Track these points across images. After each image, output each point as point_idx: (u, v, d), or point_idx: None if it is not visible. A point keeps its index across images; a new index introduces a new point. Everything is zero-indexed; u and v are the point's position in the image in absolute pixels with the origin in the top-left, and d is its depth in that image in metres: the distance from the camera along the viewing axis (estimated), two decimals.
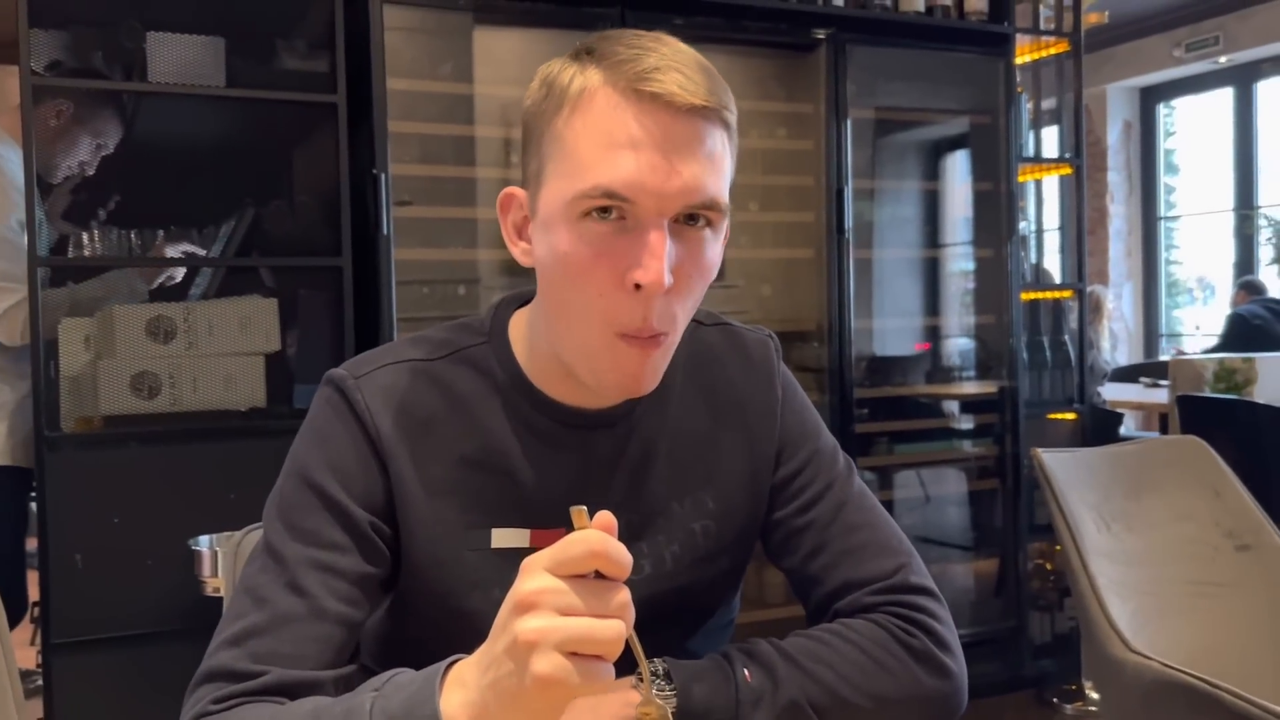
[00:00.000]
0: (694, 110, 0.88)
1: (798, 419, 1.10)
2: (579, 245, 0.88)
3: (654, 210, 0.87)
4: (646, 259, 0.87)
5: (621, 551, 0.70)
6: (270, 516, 0.97)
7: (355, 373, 0.99)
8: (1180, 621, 1.72)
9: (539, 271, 0.95)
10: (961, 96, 3.49)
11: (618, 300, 0.88)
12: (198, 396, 2.48)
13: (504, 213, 0.99)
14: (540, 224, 0.92)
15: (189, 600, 2.34)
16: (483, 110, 2.90)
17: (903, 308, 3.60)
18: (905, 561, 1.04)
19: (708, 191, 0.88)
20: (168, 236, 2.64)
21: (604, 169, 0.86)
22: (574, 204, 0.88)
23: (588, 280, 0.88)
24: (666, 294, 0.88)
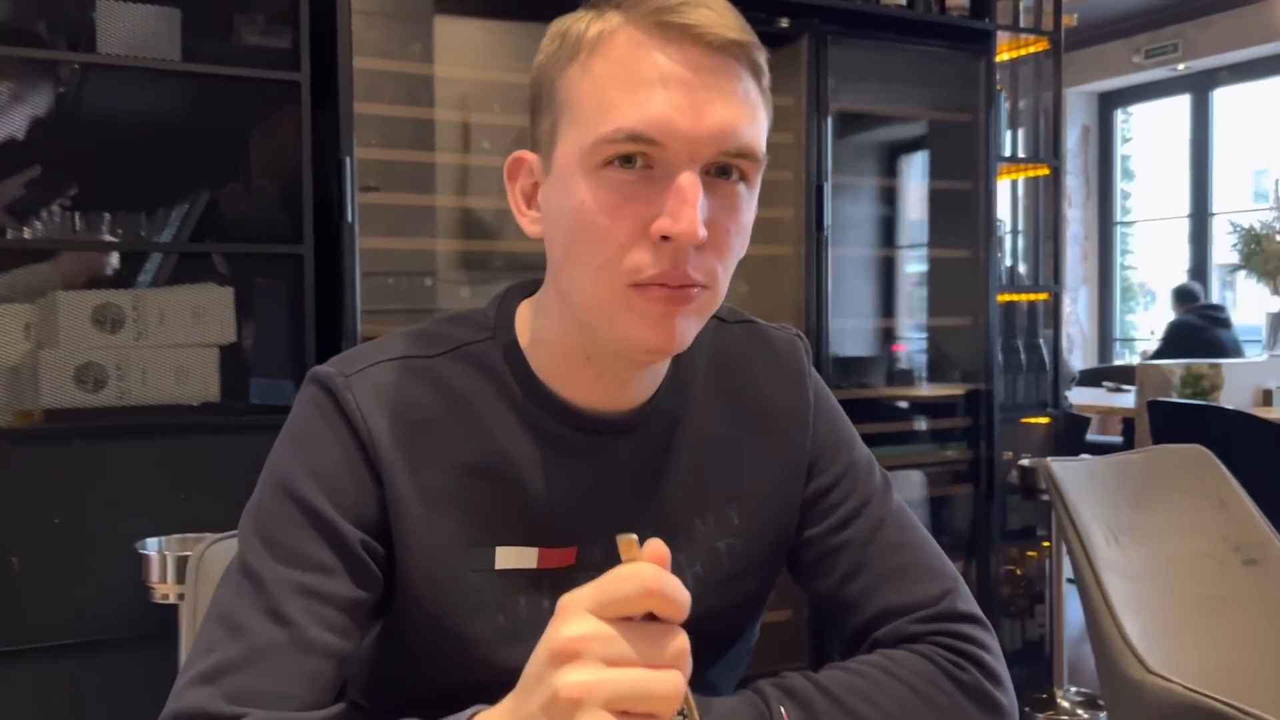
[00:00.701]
0: (727, 46, 0.78)
1: (831, 427, 1.00)
2: (598, 194, 0.78)
3: (684, 155, 0.77)
4: (676, 206, 0.76)
5: (679, 590, 0.60)
6: (247, 533, 0.85)
7: (345, 370, 0.88)
8: (1189, 639, 1.65)
9: (550, 236, 0.84)
10: (940, 94, 3.43)
11: (640, 253, 0.78)
12: (147, 390, 2.34)
13: (511, 179, 0.88)
14: (554, 181, 0.82)
15: (136, 607, 2.20)
16: (453, 94, 2.78)
17: (878, 308, 3.53)
18: (951, 586, 0.94)
19: (743, 136, 0.78)
20: (116, 220, 2.49)
21: (627, 110, 0.76)
22: (593, 151, 0.78)
23: (607, 233, 0.78)
24: (700, 249, 0.78)
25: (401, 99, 2.71)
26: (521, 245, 2.83)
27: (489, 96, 2.82)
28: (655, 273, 0.78)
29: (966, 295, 3.42)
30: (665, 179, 0.77)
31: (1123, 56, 7.88)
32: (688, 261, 0.78)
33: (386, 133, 2.67)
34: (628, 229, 0.78)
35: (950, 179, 3.47)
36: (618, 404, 0.90)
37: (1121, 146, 8.54)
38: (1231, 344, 5.95)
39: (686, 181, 0.76)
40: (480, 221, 2.84)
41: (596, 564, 0.89)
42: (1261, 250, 4.41)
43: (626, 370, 0.88)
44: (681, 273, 0.78)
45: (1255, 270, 4.46)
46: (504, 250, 2.86)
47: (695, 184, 0.77)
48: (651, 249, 0.78)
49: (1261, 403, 4.20)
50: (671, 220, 0.76)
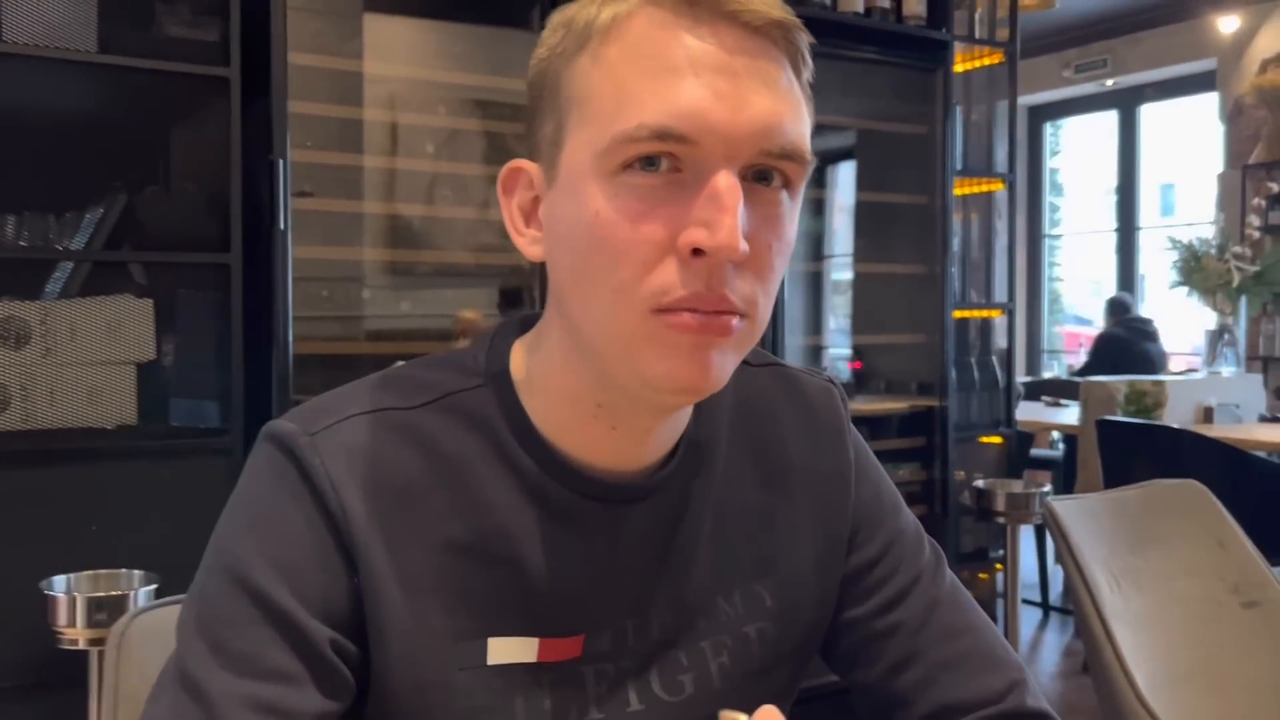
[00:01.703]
0: (768, 27, 0.65)
1: (874, 491, 0.86)
2: (615, 201, 0.64)
3: (720, 154, 0.63)
4: (712, 213, 0.63)
5: None
6: (188, 632, 0.69)
7: (309, 427, 0.72)
8: (1194, 689, 1.56)
9: (555, 257, 0.70)
10: (896, 106, 3.34)
11: (667, 271, 0.64)
12: (55, 412, 2.14)
13: (507, 193, 0.73)
14: (561, 192, 0.68)
15: (39, 652, 2.00)
16: (390, 93, 2.61)
17: (833, 325, 3.43)
18: (1019, 678, 0.82)
19: (788, 133, 0.65)
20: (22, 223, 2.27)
21: (651, 101, 0.63)
22: (610, 153, 0.64)
23: (627, 248, 0.64)
24: (739, 266, 0.64)
25: (337, 98, 2.53)
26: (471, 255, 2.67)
27: (432, 97, 2.65)
28: (685, 295, 0.64)
29: (921, 311, 3.34)
30: (697, 182, 0.64)
31: (1053, 71, 7.94)
32: (725, 282, 0.64)
33: (321, 134, 2.49)
34: (652, 242, 0.64)
35: (904, 192, 3.38)
36: (632, 464, 0.75)
37: (1050, 160, 8.62)
38: (1159, 357, 6.00)
39: (724, 184, 0.63)
40: (423, 229, 2.67)
41: (605, 655, 0.76)
42: (1202, 269, 4.41)
43: (646, 419, 0.73)
44: (718, 295, 0.64)
45: (1195, 288, 4.46)
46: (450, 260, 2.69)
47: (735, 186, 0.63)
48: (681, 266, 0.64)
49: (1203, 419, 4.20)
50: (707, 231, 0.62)
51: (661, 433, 0.75)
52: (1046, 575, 4.58)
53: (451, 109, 2.64)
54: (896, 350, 3.44)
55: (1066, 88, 7.98)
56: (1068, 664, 3.92)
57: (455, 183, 2.67)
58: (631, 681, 0.76)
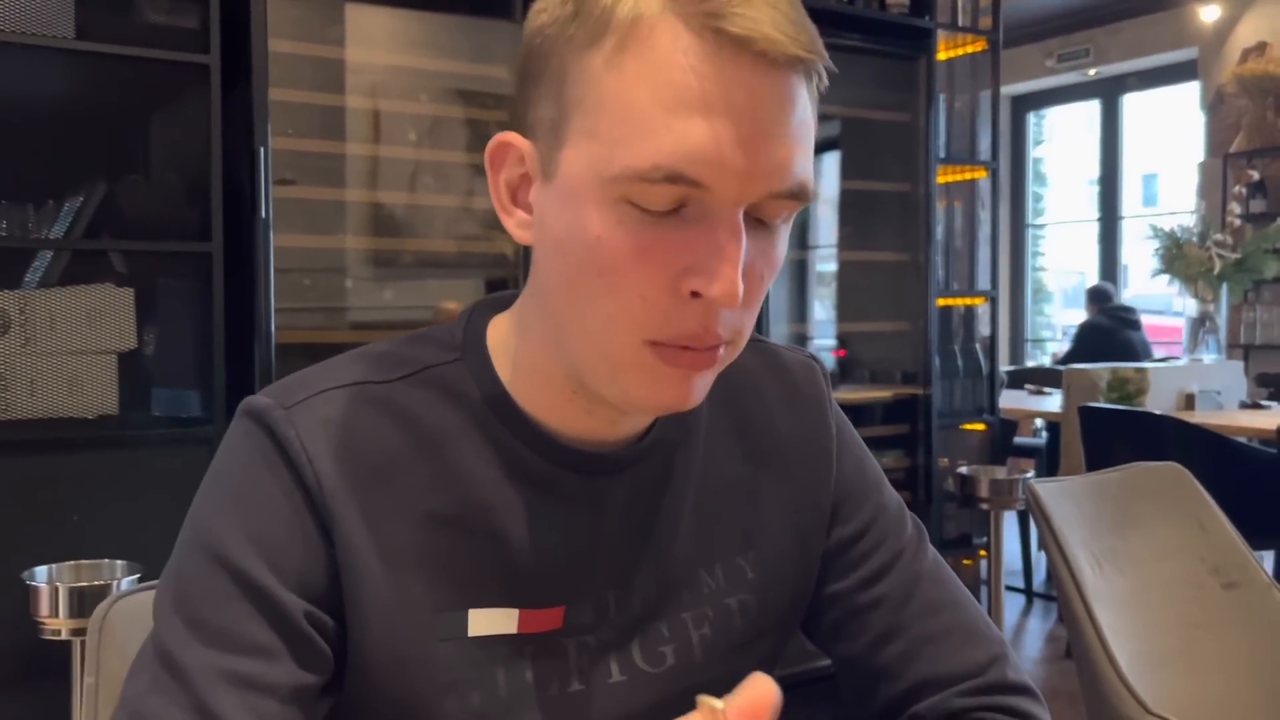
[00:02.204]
0: (790, 64, 0.63)
1: (857, 466, 0.87)
2: (617, 233, 0.63)
3: (731, 198, 0.63)
4: (716, 263, 0.62)
5: None
6: (166, 609, 0.68)
7: (285, 401, 0.71)
8: (1175, 670, 1.57)
9: (545, 254, 0.69)
10: (879, 94, 3.35)
11: (665, 308, 0.64)
12: (35, 402, 2.12)
13: (495, 168, 0.71)
14: (557, 192, 0.66)
15: (22, 643, 1.99)
16: (372, 81, 2.59)
17: (818, 313, 3.44)
18: (1000, 652, 0.82)
19: (797, 175, 0.64)
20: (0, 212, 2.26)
21: (668, 139, 0.61)
22: (617, 184, 0.63)
23: (625, 280, 0.64)
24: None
25: (319, 85, 2.52)
26: (455, 245, 2.66)
27: (414, 85, 2.64)
28: (680, 333, 0.65)
29: (904, 299, 3.34)
30: (700, 221, 0.63)
31: (1035, 60, 7.96)
32: (718, 321, 0.65)
33: (303, 121, 2.48)
34: (653, 280, 0.64)
35: (887, 180, 3.39)
36: (610, 437, 0.75)
37: (1034, 149, 8.65)
38: (1141, 346, 6.03)
39: (729, 235, 0.63)
40: (406, 218, 2.66)
41: (587, 626, 0.76)
42: (1184, 256, 4.43)
43: (620, 410, 0.74)
44: (711, 334, 0.65)
45: (1177, 276, 4.48)
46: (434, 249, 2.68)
47: (739, 237, 0.63)
48: (680, 306, 0.64)
49: (1184, 406, 4.22)
50: (709, 281, 0.63)
51: (636, 414, 0.75)
52: (1030, 562, 4.61)
53: (434, 96, 2.63)
54: (881, 338, 3.45)
55: (1049, 77, 8.00)
56: (1051, 649, 3.95)
57: (438, 171, 2.67)
58: (613, 653, 0.76)
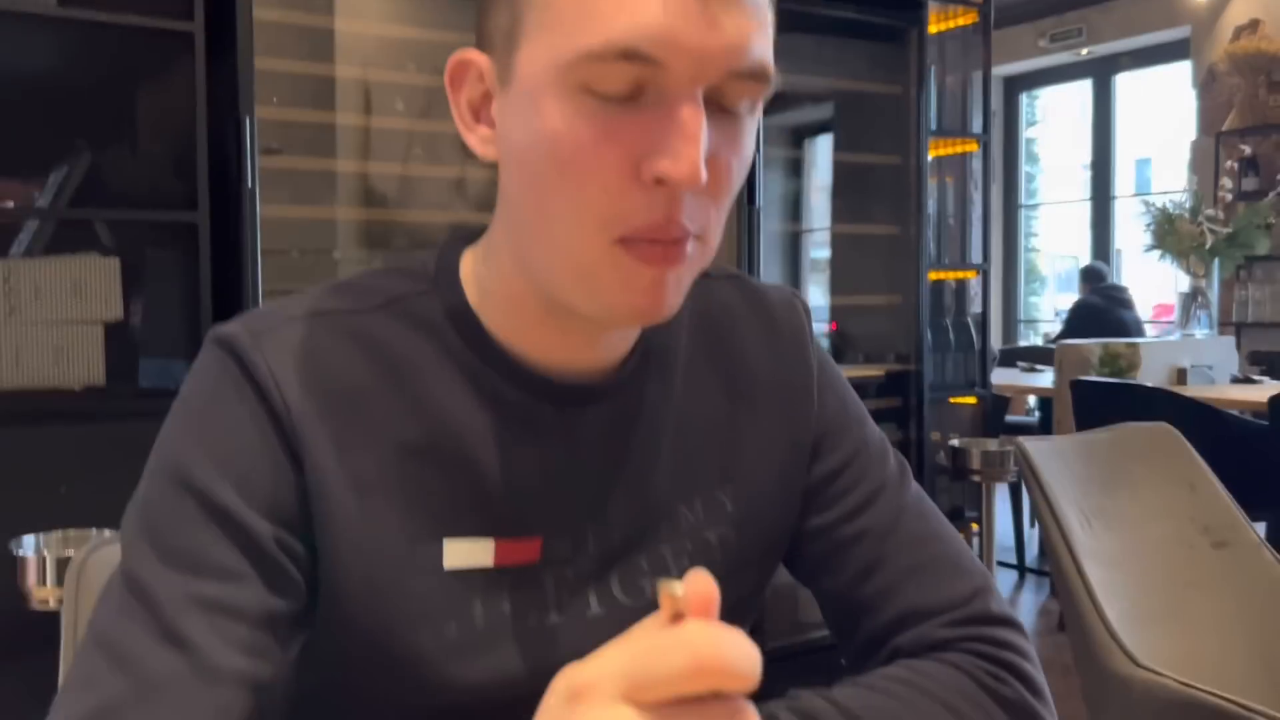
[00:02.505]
0: None
1: (839, 401, 0.86)
2: (576, 123, 0.62)
3: (688, 75, 0.61)
4: (677, 143, 0.61)
5: (744, 653, 0.41)
6: (132, 535, 0.67)
7: (253, 328, 0.71)
8: (1165, 628, 1.57)
9: (508, 166, 0.68)
10: (869, 66, 3.33)
11: (629, 198, 0.63)
12: (21, 372, 2.11)
13: (455, 87, 0.71)
14: (515, 97, 0.66)
15: (10, 615, 1.97)
16: (359, 49, 2.58)
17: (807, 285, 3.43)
18: (982, 584, 0.81)
19: (755, 52, 0.63)
20: None
21: (619, 16, 0.60)
22: (572, 70, 0.62)
23: (587, 172, 0.63)
24: (697, 191, 0.63)
25: (306, 54, 2.50)
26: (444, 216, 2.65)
27: (401, 54, 2.63)
28: (645, 225, 0.63)
29: (895, 273, 3.34)
30: (660, 105, 0.62)
31: (1028, 40, 7.95)
32: (682, 210, 0.63)
33: (290, 91, 2.46)
34: (614, 169, 0.62)
35: (877, 152, 3.37)
36: (585, 365, 0.74)
37: (1026, 130, 8.64)
38: (1134, 325, 6.03)
39: (689, 114, 0.61)
40: (395, 189, 2.65)
41: (565, 559, 0.75)
42: (1175, 232, 4.42)
43: (595, 326, 0.72)
44: (676, 224, 0.63)
45: (1169, 251, 4.48)
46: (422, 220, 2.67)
47: (699, 115, 0.61)
48: (643, 194, 0.62)
49: (1176, 380, 4.23)
50: (671, 162, 0.61)
51: (613, 336, 0.74)
52: (1023, 537, 4.62)
53: (422, 66, 2.62)
54: (873, 312, 3.44)
55: (1042, 57, 7.99)
56: (1044, 623, 3.96)
57: (429, 143, 2.65)
58: (592, 586, 0.76)
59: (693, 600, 0.42)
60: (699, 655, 0.41)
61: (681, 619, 0.42)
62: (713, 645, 0.41)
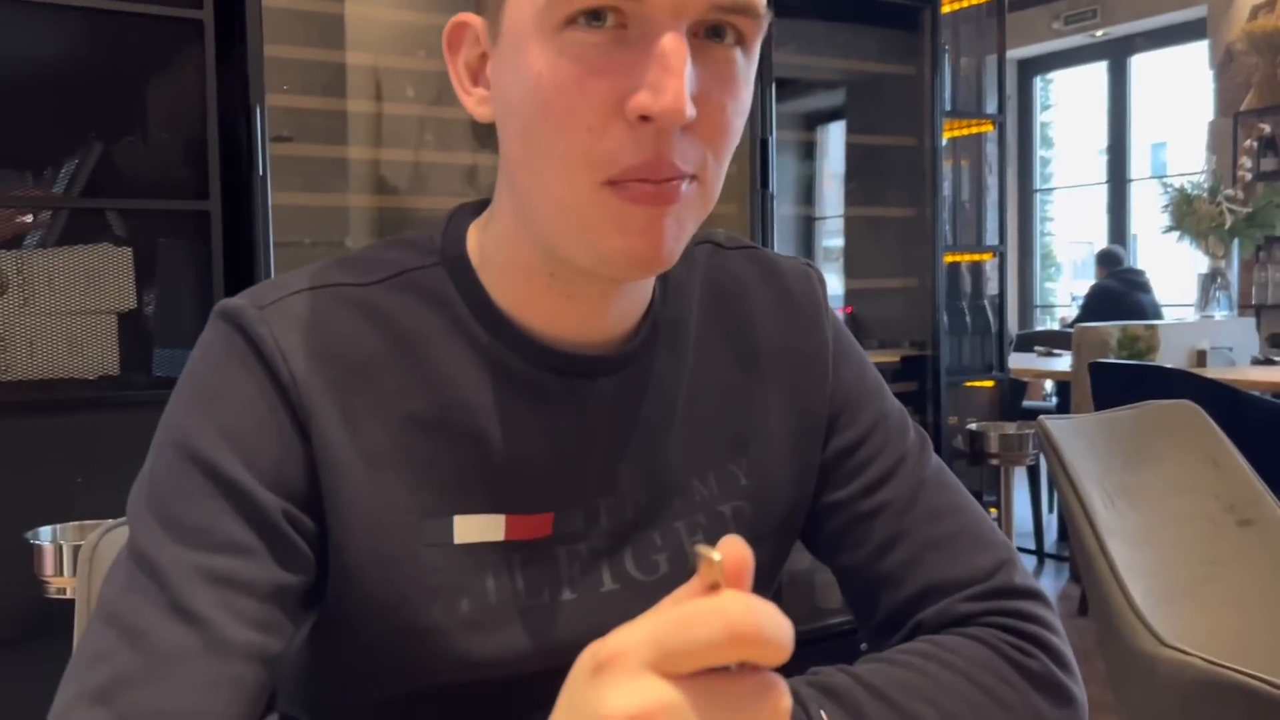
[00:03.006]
0: None
1: (857, 373, 0.84)
2: (558, 63, 0.61)
3: (667, 9, 0.60)
4: (658, 75, 0.59)
5: (778, 624, 0.40)
6: (139, 510, 0.67)
7: (259, 301, 0.70)
8: (1190, 606, 1.55)
9: (502, 120, 0.67)
10: (882, 47, 3.30)
11: (615, 137, 0.61)
12: (35, 363, 2.11)
13: (452, 51, 0.70)
14: (504, 51, 0.65)
15: (29, 603, 1.99)
16: (369, 36, 2.56)
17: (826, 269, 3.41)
18: (1006, 557, 0.80)
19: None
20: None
21: None
22: (551, 8, 0.61)
23: (571, 112, 0.61)
24: (688, 130, 0.62)
25: (316, 41, 2.49)
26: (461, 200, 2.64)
27: (411, 40, 2.61)
28: (635, 164, 0.61)
29: (910, 256, 3.31)
30: (643, 41, 0.60)
31: (1042, 23, 7.89)
32: (673, 149, 0.61)
33: (300, 78, 2.45)
34: (598, 107, 0.61)
35: (891, 134, 3.35)
36: (595, 336, 0.73)
37: (1041, 113, 8.58)
38: (1152, 308, 5.99)
39: (670, 44, 0.60)
40: (406, 175, 2.64)
41: (577, 534, 0.74)
42: (1194, 212, 4.38)
43: (601, 288, 0.71)
44: (667, 163, 0.62)
45: (1188, 232, 4.44)
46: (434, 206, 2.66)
47: (681, 47, 0.60)
48: (629, 132, 0.61)
49: (1196, 363, 4.19)
50: (652, 95, 0.59)
51: (620, 302, 0.73)
52: (1041, 522, 4.59)
53: (432, 52, 2.60)
54: (888, 296, 3.42)
55: (1056, 40, 7.93)
56: (1064, 608, 3.93)
57: (440, 129, 2.64)
58: (605, 561, 0.75)
59: (729, 568, 0.41)
60: (734, 624, 0.40)
61: (717, 588, 0.41)
62: (749, 614, 0.40)
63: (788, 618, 0.41)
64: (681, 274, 0.79)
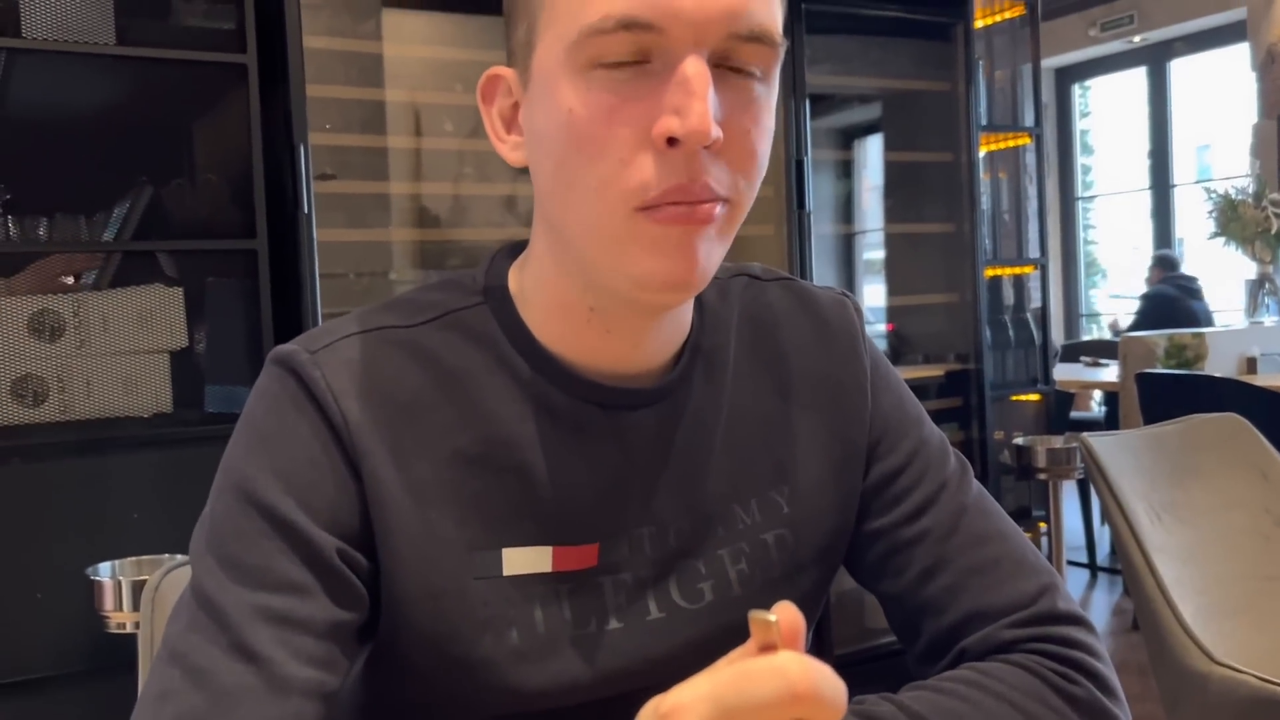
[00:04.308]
0: None
1: (896, 401, 0.85)
2: (588, 98, 0.64)
3: (688, 40, 0.62)
4: (682, 100, 0.62)
5: (834, 685, 0.43)
6: (200, 551, 0.69)
7: (311, 346, 0.73)
8: (1242, 622, 1.53)
9: (536, 160, 0.70)
10: (916, 64, 3.31)
11: (645, 165, 0.64)
12: (92, 402, 2.16)
13: (487, 102, 0.74)
14: (535, 94, 0.68)
15: (90, 638, 2.03)
16: (408, 74, 2.61)
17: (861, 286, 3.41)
18: (1049, 582, 0.80)
19: (756, 15, 0.64)
20: (53, 224, 2.30)
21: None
22: (578, 48, 0.63)
23: (603, 144, 0.64)
24: (716, 155, 0.64)
25: (356, 80, 2.54)
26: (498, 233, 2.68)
27: (448, 75, 2.66)
28: (667, 188, 0.64)
29: (951, 270, 3.30)
30: (666, 71, 0.63)
31: (1079, 30, 7.84)
32: (704, 170, 0.64)
33: (340, 117, 2.50)
34: (627, 136, 0.63)
35: (927, 150, 3.35)
36: (634, 368, 0.75)
37: (1080, 121, 8.51)
38: (1204, 316, 5.91)
39: (693, 70, 0.62)
40: (447, 208, 2.68)
41: (622, 564, 0.75)
42: (1239, 218, 4.33)
43: (639, 320, 0.73)
44: (700, 185, 0.64)
45: (1233, 238, 4.39)
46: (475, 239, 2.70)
47: (703, 72, 0.62)
48: (658, 158, 0.63)
49: (1246, 370, 4.13)
50: (677, 118, 0.62)
51: (658, 334, 0.75)
52: (1093, 535, 4.53)
53: (469, 87, 2.64)
54: (930, 311, 3.41)
55: (1093, 47, 7.88)
56: (1118, 622, 3.88)
57: (478, 161, 2.68)
58: (650, 590, 0.76)
59: (785, 630, 0.44)
60: (793, 682, 0.42)
61: (773, 649, 0.43)
62: (806, 674, 0.42)
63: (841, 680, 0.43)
64: (718, 305, 0.81)
